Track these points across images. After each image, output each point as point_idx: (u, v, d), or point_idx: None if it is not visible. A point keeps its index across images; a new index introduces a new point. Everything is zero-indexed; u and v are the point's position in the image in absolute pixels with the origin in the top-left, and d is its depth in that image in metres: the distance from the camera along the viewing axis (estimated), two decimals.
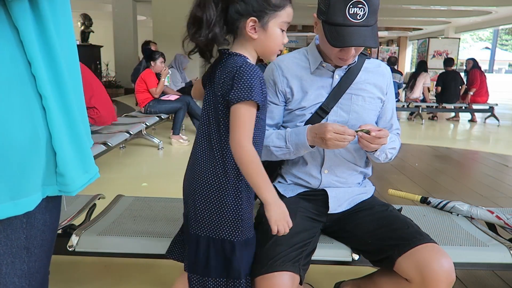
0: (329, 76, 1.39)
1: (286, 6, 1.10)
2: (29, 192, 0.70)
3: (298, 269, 1.15)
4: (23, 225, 0.72)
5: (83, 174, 0.79)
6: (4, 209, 0.67)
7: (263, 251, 1.18)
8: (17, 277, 0.73)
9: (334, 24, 1.20)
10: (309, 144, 1.28)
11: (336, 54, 1.29)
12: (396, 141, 1.44)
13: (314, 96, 1.37)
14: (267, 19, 1.08)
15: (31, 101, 0.68)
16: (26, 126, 0.67)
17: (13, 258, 0.72)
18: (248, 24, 1.08)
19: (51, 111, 0.70)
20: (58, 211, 0.83)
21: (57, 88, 0.73)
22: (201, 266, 1.14)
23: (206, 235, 1.13)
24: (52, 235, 0.81)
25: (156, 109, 4.84)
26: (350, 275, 1.58)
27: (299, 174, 1.44)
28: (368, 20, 1.20)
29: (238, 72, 1.06)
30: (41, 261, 0.78)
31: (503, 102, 12.15)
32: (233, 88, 1.05)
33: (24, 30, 0.66)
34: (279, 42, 1.12)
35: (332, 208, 1.38)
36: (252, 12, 1.06)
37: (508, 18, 11.89)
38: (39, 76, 0.68)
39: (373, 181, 1.56)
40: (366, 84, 1.40)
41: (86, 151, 0.81)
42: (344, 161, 1.41)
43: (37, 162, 0.70)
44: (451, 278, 1.13)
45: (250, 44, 1.12)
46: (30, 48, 0.67)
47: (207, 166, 1.13)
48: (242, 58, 1.11)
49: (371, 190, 1.51)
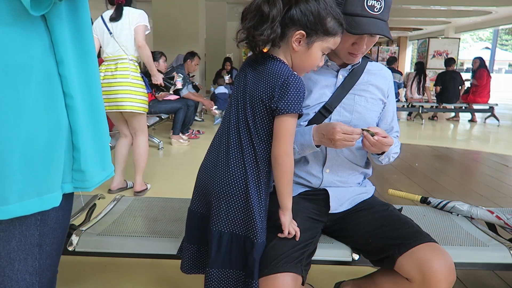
0: (333, 76, 1.40)
1: (337, 35, 1.13)
2: (54, 188, 0.71)
3: (300, 270, 1.16)
4: (37, 222, 0.73)
5: (101, 171, 0.81)
6: (32, 205, 0.68)
7: (265, 252, 1.18)
8: (29, 273, 0.74)
9: (353, 15, 1.22)
10: (315, 144, 1.29)
11: (348, 49, 1.30)
12: (398, 145, 1.46)
13: (318, 95, 1.38)
14: (314, 38, 1.10)
15: (56, 99, 0.70)
16: (51, 123, 0.69)
17: (26, 254, 0.73)
18: (295, 35, 1.09)
19: (75, 110, 0.72)
20: (70, 208, 0.84)
21: (86, 87, 0.75)
22: (222, 259, 1.16)
23: (230, 231, 1.15)
24: (63, 233, 0.82)
25: (156, 109, 4.83)
26: (350, 275, 1.58)
27: (300, 173, 1.44)
28: (383, 14, 1.24)
29: (287, 82, 1.08)
30: (52, 258, 0.79)
31: (503, 102, 12.16)
32: (283, 99, 1.07)
33: (58, 31, 0.69)
34: (315, 63, 1.15)
35: (333, 208, 1.39)
36: (305, 26, 1.08)
37: (508, 18, 11.89)
38: (67, 75, 0.70)
39: (373, 181, 1.56)
40: (368, 86, 1.41)
41: (106, 149, 0.83)
42: (346, 161, 1.42)
43: (59, 159, 0.71)
44: (452, 277, 1.14)
45: (290, 54, 1.14)
46: (61, 49, 0.69)
47: (236, 166, 1.14)
48: (287, 67, 1.12)
49: (371, 190, 1.51)
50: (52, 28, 0.68)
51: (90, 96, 0.76)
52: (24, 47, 0.64)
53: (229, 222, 1.15)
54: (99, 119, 0.79)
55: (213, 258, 1.16)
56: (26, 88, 0.65)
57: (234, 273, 1.17)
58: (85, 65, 0.75)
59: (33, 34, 0.66)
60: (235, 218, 1.14)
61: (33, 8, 0.62)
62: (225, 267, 1.16)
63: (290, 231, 1.18)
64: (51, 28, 0.68)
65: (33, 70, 0.65)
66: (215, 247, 1.15)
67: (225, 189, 1.14)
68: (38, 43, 0.66)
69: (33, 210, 0.69)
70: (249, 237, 1.14)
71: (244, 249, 1.15)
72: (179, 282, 1.86)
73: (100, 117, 0.80)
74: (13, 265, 0.72)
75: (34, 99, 0.66)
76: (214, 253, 1.15)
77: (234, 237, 1.15)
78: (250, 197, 1.12)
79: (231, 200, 1.14)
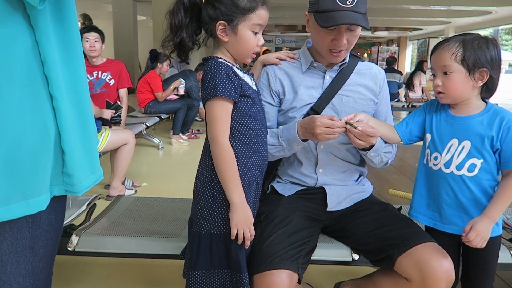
0: (320, 77, 1.41)
1: (257, 8, 1.10)
2: (40, 191, 0.70)
3: (296, 267, 1.16)
4: (29, 225, 0.73)
5: (90, 174, 0.80)
6: (17, 209, 0.67)
7: (262, 249, 1.18)
8: (22, 276, 0.74)
9: (326, 11, 1.24)
10: (301, 139, 1.28)
11: (328, 46, 1.31)
12: (391, 145, 1.42)
13: (305, 96, 1.39)
14: (236, 22, 1.10)
15: (42, 102, 0.68)
16: (36, 126, 0.67)
17: (18, 257, 0.72)
18: (218, 28, 1.10)
19: (61, 112, 0.71)
20: (63, 211, 0.83)
21: (73, 89, 0.73)
22: (204, 261, 1.15)
23: (208, 231, 1.15)
24: (57, 235, 0.81)
25: (156, 109, 4.83)
26: (350, 275, 1.58)
27: (295, 174, 1.45)
28: (358, 6, 1.23)
29: (204, 71, 1.11)
30: (45, 260, 0.78)
31: (503, 102, 12.14)
32: (202, 87, 1.11)
33: (42, 29, 0.66)
34: (250, 44, 1.13)
35: (330, 206, 1.39)
36: (221, 16, 1.09)
37: (508, 18, 11.88)
38: (52, 77, 0.69)
39: (373, 181, 1.57)
40: (357, 86, 1.41)
41: (94, 152, 0.81)
42: (337, 160, 1.42)
43: (46, 162, 0.70)
44: (451, 277, 1.14)
45: (224, 47, 1.15)
46: (46, 49, 0.67)
47: (203, 165, 1.18)
48: (213, 59, 1.13)
49: (369, 189, 1.51)
50: (36, 26, 0.66)
51: (77, 98, 0.74)
52: (4, 46, 0.62)
53: (206, 222, 1.14)
54: (87, 122, 0.78)
55: (195, 260, 1.15)
56: (9, 90, 0.63)
57: (219, 273, 1.16)
58: (71, 67, 0.73)
59: (14, 32, 0.63)
60: (210, 217, 1.14)
61: None
62: (208, 268, 1.15)
63: (238, 233, 1.09)
64: (35, 27, 0.66)
65: (16, 71, 0.64)
66: (195, 249, 1.15)
67: (196, 189, 1.18)
68: (19, 42, 0.64)
69: (18, 214, 0.68)
70: (228, 232, 1.12)
71: (225, 246, 1.14)
72: (179, 282, 1.86)
73: (88, 120, 0.78)
74: (5, 268, 0.71)
75: (18, 101, 0.64)
76: (195, 255, 1.15)
77: (214, 236, 1.14)
78: (216, 195, 1.13)
79: (203, 199, 1.15)
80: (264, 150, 1.21)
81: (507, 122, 1.18)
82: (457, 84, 1.20)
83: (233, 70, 1.10)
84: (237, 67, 1.15)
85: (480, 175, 1.21)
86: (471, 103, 1.24)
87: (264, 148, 1.21)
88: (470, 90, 1.22)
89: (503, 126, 1.18)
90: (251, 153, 1.15)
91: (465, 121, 1.24)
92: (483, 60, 1.17)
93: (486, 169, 1.21)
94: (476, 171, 1.21)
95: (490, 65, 1.18)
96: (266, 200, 1.44)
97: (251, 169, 1.15)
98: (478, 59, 1.17)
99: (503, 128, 1.18)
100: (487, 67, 1.18)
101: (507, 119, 1.18)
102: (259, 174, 1.19)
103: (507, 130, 1.18)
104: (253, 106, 1.15)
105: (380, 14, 11.53)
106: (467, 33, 1.23)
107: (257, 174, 1.18)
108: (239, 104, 1.12)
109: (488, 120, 1.21)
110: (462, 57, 1.18)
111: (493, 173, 1.21)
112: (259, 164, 1.18)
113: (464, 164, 1.22)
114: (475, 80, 1.20)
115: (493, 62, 1.19)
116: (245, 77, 1.16)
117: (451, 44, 1.20)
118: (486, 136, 1.19)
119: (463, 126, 1.24)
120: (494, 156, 1.20)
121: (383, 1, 9.79)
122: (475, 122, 1.23)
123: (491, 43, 1.20)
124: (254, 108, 1.15)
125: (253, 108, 1.15)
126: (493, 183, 1.22)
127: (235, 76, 1.09)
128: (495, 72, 1.20)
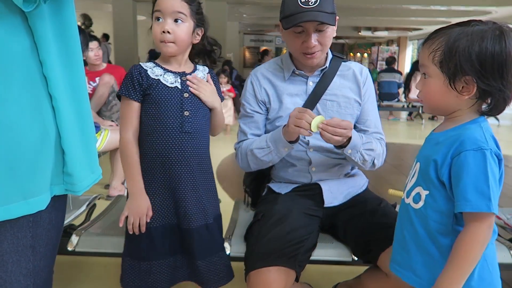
0: (303, 83, 1.41)
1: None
2: (40, 191, 0.70)
3: (293, 265, 1.16)
4: (30, 224, 0.73)
5: (90, 174, 0.80)
6: (17, 208, 0.67)
7: (259, 246, 1.19)
8: (22, 275, 0.74)
9: (290, 15, 1.26)
10: (285, 139, 1.28)
11: (300, 49, 1.32)
12: (374, 143, 1.36)
13: (290, 104, 1.39)
14: (152, 14, 1.19)
15: (41, 102, 0.69)
16: (36, 126, 0.68)
17: (19, 256, 0.73)
18: None
19: (61, 112, 0.71)
20: (64, 210, 0.84)
21: (72, 89, 0.74)
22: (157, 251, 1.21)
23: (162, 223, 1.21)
24: (57, 234, 0.81)
25: None
26: (350, 275, 1.58)
27: (287, 176, 1.46)
28: (322, 6, 1.24)
29: None
30: (46, 260, 0.79)
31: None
32: None
33: (40, 30, 0.67)
34: (157, 34, 1.18)
35: (327, 201, 1.40)
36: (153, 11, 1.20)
37: (508, 18, 11.88)
38: (51, 77, 0.69)
39: (373, 181, 1.56)
40: (341, 89, 1.40)
41: (94, 152, 0.82)
42: (328, 158, 1.42)
43: (46, 161, 0.70)
44: None
45: None
46: (44, 50, 0.68)
47: None
48: None
49: (364, 182, 1.52)
50: (34, 28, 0.66)
51: (76, 98, 0.75)
52: (2, 47, 0.62)
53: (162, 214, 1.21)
54: (86, 121, 0.78)
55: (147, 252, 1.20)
56: (7, 90, 0.63)
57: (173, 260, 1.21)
58: (70, 67, 0.73)
59: (11, 33, 0.64)
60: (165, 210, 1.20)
61: (24, 5, 0.61)
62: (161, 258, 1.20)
63: (128, 221, 1.17)
64: (33, 28, 0.66)
65: (15, 71, 0.64)
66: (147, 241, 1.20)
67: None
68: (17, 43, 0.64)
69: (18, 213, 0.68)
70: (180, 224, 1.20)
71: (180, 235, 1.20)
72: None
73: (87, 119, 0.79)
74: (6, 267, 0.71)
75: (17, 101, 0.64)
76: (145, 245, 1.20)
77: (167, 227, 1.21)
78: None
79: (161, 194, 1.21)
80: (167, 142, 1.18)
81: (459, 146, 0.85)
82: (434, 93, 0.91)
83: (143, 71, 1.17)
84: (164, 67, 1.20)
85: (425, 210, 0.92)
86: (462, 118, 0.92)
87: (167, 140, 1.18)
88: (454, 102, 0.90)
89: (453, 149, 0.86)
90: (150, 145, 1.18)
91: (429, 138, 0.98)
92: (467, 66, 0.84)
93: (432, 206, 0.90)
94: (420, 203, 0.93)
95: (480, 72, 0.83)
96: (264, 200, 1.45)
97: (152, 163, 1.18)
98: (460, 63, 0.84)
99: (453, 153, 0.86)
100: (473, 75, 0.84)
101: (461, 142, 0.85)
102: (163, 168, 1.19)
103: (458, 157, 0.84)
104: (152, 102, 1.18)
105: (380, 14, 11.53)
106: (474, 20, 0.86)
107: (160, 168, 1.18)
108: (145, 100, 1.18)
109: (444, 139, 0.90)
110: (441, 59, 0.87)
111: (442, 213, 0.90)
112: (162, 158, 1.18)
113: (411, 191, 0.96)
114: (458, 92, 0.87)
115: (493, 67, 0.83)
116: (167, 75, 1.20)
117: (436, 38, 0.89)
118: (431, 159, 0.90)
119: (425, 144, 0.98)
120: (444, 190, 0.89)
121: (383, 1, 9.79)
122: (433, 140, 0.95)
123: (503, 39, 0.83)
124: (154, 104, 1.18)
125: (153, 104, 1.18)
126: (441, 228, 0.90)
127: (141, 77, 1.16)
128: (496, 82, 0.84)
